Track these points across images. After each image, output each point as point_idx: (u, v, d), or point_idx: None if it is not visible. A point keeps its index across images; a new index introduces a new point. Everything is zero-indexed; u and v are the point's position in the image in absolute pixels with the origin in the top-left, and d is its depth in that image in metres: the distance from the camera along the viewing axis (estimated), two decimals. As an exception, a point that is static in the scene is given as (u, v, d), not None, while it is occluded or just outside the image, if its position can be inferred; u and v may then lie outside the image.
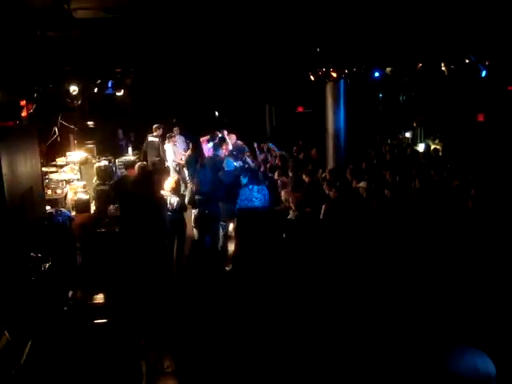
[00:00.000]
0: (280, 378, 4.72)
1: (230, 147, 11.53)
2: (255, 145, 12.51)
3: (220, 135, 11.87)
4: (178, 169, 12.47)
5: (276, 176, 9.78)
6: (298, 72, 11.22)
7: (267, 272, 6.28)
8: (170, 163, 12.65)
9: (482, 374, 1.85)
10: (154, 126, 13.01)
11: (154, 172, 9.29)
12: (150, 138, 13.08)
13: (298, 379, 4.71)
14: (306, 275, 6.01)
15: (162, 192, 8.06)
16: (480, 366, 1.87)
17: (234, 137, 12.14)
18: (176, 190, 8.21)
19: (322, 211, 7.23)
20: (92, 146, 11.83)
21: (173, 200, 8.09)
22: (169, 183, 8.25)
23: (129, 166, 9.95)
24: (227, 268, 7.56)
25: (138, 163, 9.13)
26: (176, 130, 13.45)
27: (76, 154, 10.83)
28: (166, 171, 11.87)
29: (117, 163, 11.48)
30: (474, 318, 4.90)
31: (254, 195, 8.17)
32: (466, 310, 5.07)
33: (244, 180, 8.34)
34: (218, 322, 5.84)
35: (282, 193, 8.37)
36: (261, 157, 12.08)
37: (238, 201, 8.23)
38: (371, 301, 5.40)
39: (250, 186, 8.23)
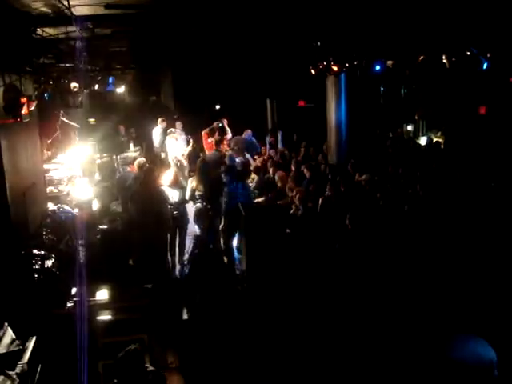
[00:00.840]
0: (280, 370, 4.73)
1: (230, 135, 11.51)
2: (267, 139, 12.46)
3: (220, 124, 11.83)
4: (178, 164, 12.47)
5: (271, 173, 9.75)
6: (298, 66, 11.17)
7: (270, 269, 6.28)
8: (170, 158, 12.65)
9: (484, 360, 1.90)
10: (160, 119, 13.16)
11: (156, 164, 9.28)
12: (156, 130, 13.17)
13: (296, 373, 4.72)
14: (308, 269, 6.02)
15: (162, 186, 8.05)
16: (482, 352, 1.92)
17: (249, 132, 12.13)
18: (176, 184, 8.19)
19: (319, 205, 7.26)
20: (93, 142, 11.84)
21: (174, 195, 8.08)
22: (167, 177, 8.23)
23: (131, 162, 9.97)
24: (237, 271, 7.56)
25: (138, 159, 9.13)
26: (178, 125, 13.51)
27: (78, 151, 10.84)
28: (167, 164, 11.87)
29: (118, 160, 11.48)
30: (475, 306, 4.91)
31: (239, 192, 8.19)
32: (467, 300, 5.09)
33: (225, 178, 8.35)
34: (221, 317, 5.86)
35: (286, 187, 8.36)
36: (270, 152, 12.05)
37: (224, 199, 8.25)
38: (374, 292, 5.40)
39: (234, 184, 8.23)
